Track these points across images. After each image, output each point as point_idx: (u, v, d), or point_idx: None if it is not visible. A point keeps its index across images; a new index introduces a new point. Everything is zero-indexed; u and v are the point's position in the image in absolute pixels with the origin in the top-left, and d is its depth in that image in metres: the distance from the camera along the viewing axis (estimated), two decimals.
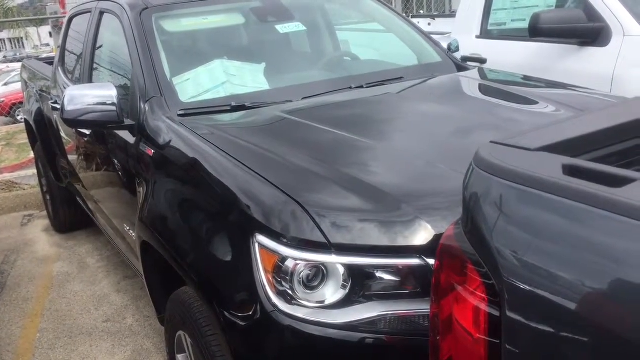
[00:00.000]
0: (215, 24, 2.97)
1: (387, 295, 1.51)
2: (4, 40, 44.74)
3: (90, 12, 3.42)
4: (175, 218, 2.07)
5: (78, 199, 4.15)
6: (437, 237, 1.46)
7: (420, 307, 1.47)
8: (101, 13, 3.21)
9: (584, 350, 0.75)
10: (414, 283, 1.50)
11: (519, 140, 0.92)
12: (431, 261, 1.45)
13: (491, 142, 0.93)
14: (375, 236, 1.48)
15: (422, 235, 1.47)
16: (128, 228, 2.78)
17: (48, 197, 4.95)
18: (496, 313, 0.85)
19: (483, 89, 2.79)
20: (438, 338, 1.00)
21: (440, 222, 1.49)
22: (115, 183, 2.88)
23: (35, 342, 3.25)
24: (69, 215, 4.70)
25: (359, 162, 1.85)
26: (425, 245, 1.47)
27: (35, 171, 5.40)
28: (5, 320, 3.52)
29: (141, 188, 2.36)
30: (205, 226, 1.91)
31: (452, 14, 7.25)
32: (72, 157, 3.82)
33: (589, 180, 0.74)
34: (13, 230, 5.08)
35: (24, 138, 5.34)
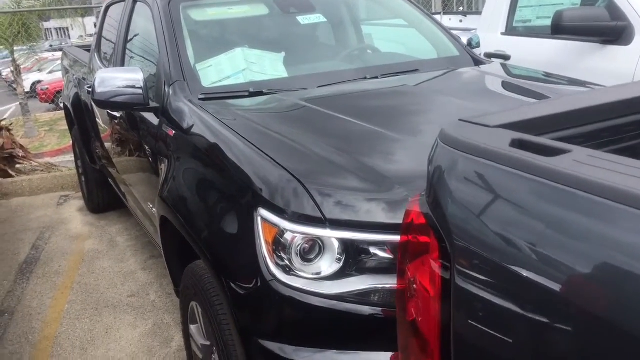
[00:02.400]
0: (239, 14, 3.09)
1: (378, 269, 1.60)
2: (51, 30, 46.12)
3: (125, 0, 3.59)
4: (192, 195, 2.20)
5: (110, 180, 4.35)
6: None
7: None
8: (134, 2, 3.37)
9: (521, 308, 0.83)
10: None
11: (483, 119, 1.00)
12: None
13: (459, 120, 1.02)
14: (368, 213, 1.58)
15: None
16: (152, 206, 2.93)
17: (83, 179, 5.18)
18: (448, 276, 0.94)
19: (499, 83, 2.83)
20: (405, 301, 1.09)
21: None
22: (143, 165, 3.03)
23: (64, 312, 3.45)
24: (102, 196, 4.91)
25: (367, 149, 1.94)
26: None
27: (73, 156, 5.64)
28: (37, 291, 3.73)
29: (162, 167, 2.51)
30: (218, 203, 2.03)
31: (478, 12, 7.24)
32: (104, 140, 4.01)
33: (529, 152, 0.82)
34: (49, 209, 5.34)
35: (66, 124, 5.62)
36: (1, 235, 4.74)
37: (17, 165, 6.19)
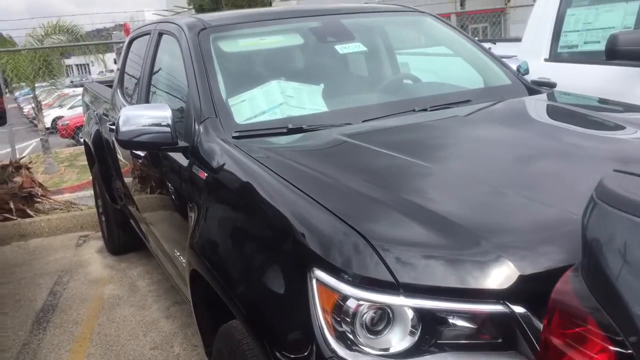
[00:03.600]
0: (272, 45, 2.88)
1: (461, 345, 1.32)
2: (72, 66, 47.01)
3: (149, 34, 3.41)
4: (227, 246, 1.94)
5: (131, 221, 4.13)
6: (522, 280, 1.27)
7: None
8: (160, 35, 3.18)
9: None
10: (495, 332, 1.30)
11: None
12: (516, 308, 1.26)
13: (614, 170, 0.75)
14: (451, 276, 1.30)
15: (505, 277, 1.28)
16: (178, 254, 2.68)
17: (103, 218, 4.98)
18: None
19: (559, 113, 2.57)
20: None
21: (525, 261, 1.30)
22: (167, 206, 2.81)
23: None
24: (122, 237, 4.71)
25: (427, 191, 1.67)
26: (508, 289, 1.27)
27: (92, 192, 5.45)
28: (55, 343, 3.48)
29: (192, 213, 2.26)
30: (259, 256, 1.76)
31: (514, 39, 7.01)
32: (126, 179, 3.81)
33: None
34: (68, 251, 5.12)
35: (85, 160, 5.46)
36: (18, 280, 4.52)
37: (36, 204, 6.02)
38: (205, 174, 2.18)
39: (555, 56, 4.01)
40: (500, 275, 1.28)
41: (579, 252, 1.32)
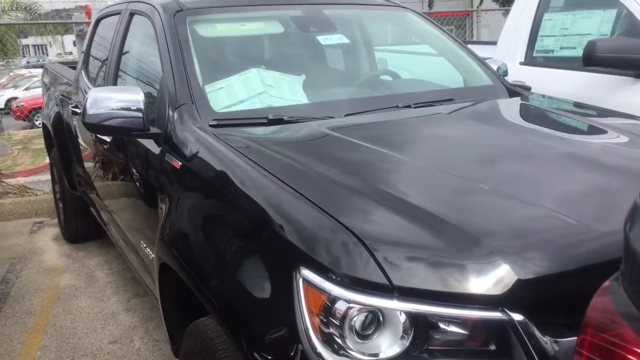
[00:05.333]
0: (252, 31, 2.77)
1: (454, 352, 1.26)
2: (29, 47, 45.31)
3: (119, 13, 3.25)
4: (202, 238, 1.84)
5: (91, 208, 3.95)
6: (520, 285, 1.22)
7: None
8: (131, 14, 3.03)
9: None
10: (489, 340, 1.25)
11: None
12: (515, 315, 1.21)
13: None
14: (448, 280, 1.24)
15: (503, 282, 1.23)
16: (144, 245, 2.56)
17: (60, 205, 4.76)
18: None
19: (541, 115, 2.55)
20: None
21: (524, 266, 1.25)
22: (133, 195, 2.67)
23: None
24: (80, 225, 4.52)
25: (420, 189, 1.61)
26: (506, 295, 1.22)
27: (49, 177, 5.21)
28: (6, 334, 3.29)
29: (163, 203, 2.14)
30: (238, 250, 1.67)
31: (485, 42, 7.06)
32: (88, 165, 3.63)
33: None
34: (22, 237, 4.89)
35: (40, 143, 5.21)
36: None
37: None
38: (180, 163, 2.07)
39: (530, 60, 4.03)
40: (499, 280, 1.23)
41: (578, 258, 1.30)
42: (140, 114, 2.19)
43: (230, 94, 2.33)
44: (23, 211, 5.40)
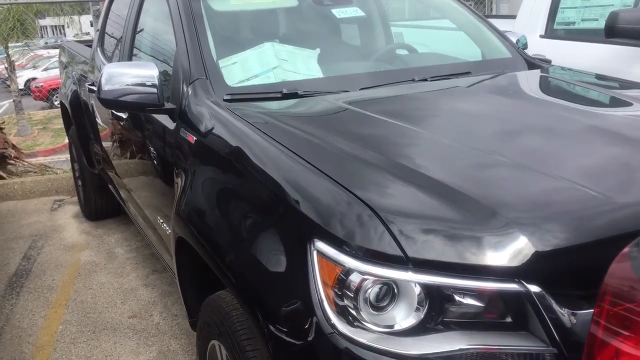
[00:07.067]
0: (266, 5, 2.74)
1: (469, 324, 1.25)
2: (47, 27, 45.51)
3: None
4: (217, 212, 1.84)
5: (110, 186, 3.99)
6: (538, 257, 1.20)
7: (514, 343, 1.21)
8: None
9: None
10: (505, 312, 1.24)
11: None
12: (531, 287, 1.19)
13: None
14: (464, 252, 1.22)
15: (520, 254, 1.21)
16: (162, 221, 2.57)
17: (79, 183, 4.82)
18: None
19: (561, 88, 2.50)
20: None
21: (542, 238, 1.23)
22: (150, 172, 2.68)
23: (57, 334, 3.08)
24: (99, 202, 4.57)
25: (437, 162, 1.58)
26: (523, 266, 1.20)
27: (68, 156, 5.27)
28: (28, 309, 3.36)
29: (179, 179, 2.15)
30: (253, 223, 1.67)
31: (504, 16, 6.92)
32: (106, 143, 3.65)
33: None
34: (42, 215, 4.96)
35: (60, 123, 5.25)
36: None
37: (9, 166, 5.81)
38: (194, 138, 2.07)
39: (551, 33, 3.94)
40: (516, 252, 1.21)
41: (598, 230, 1.27)
42: (154, 90, 2.19)
43: (245, 68, 2.31)
44: (43, 189, 5.47)
